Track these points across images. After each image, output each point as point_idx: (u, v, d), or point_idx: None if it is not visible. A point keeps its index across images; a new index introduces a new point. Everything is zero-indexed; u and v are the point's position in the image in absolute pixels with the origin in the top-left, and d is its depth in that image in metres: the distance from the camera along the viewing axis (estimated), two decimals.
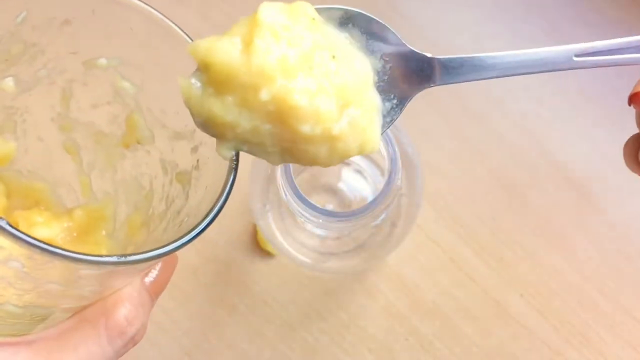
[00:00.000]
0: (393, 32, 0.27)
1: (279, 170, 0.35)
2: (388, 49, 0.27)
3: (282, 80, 0.23)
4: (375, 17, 0.27)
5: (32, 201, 0.30)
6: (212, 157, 0.26)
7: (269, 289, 0.44)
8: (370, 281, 0.45)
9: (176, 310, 0.43)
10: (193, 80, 0.24)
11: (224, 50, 0.23)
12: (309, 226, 0.40)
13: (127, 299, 0.25)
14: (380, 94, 0.27)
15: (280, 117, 0.24)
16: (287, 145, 0.25)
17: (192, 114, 0.24)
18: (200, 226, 0.23)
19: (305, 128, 0.24)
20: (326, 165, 0.25)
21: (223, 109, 0.24)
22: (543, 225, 0.47)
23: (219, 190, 0.24)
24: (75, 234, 0.29)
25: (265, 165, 0.39)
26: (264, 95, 0.23)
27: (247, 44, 0.23)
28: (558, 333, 0.45)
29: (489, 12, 0.51)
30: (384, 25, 0.27)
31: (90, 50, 0.27)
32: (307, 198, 0.34)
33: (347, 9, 0.26)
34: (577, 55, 0.28)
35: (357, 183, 0.45)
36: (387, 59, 0.27)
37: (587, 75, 0.50)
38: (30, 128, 0.29)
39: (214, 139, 0.25)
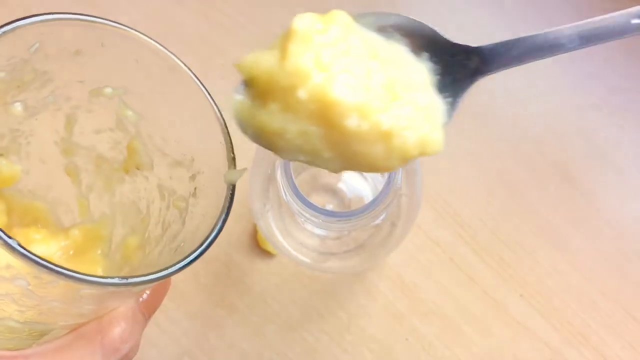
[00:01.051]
0: (432, 29, 0.26)
1: (279, 170, 0.35)
2: (432, 47, 0.26)
3: (317, 77, 0.23)
4: (412, 18, 0.26)
5: (31, 219, 0.31)
6: (209, 186, 0.27)
7: (269, 289, 0.44)
8: (370, 281, 0.45)
9: (176, 310, 0.43)
10: (240, 95, 0.25)
11: (264, 60, 0.25)
12: (309, 226, 0.40)
13: (122, 318, 0.26)
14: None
15: (322, 115, 0.24)
16: (342, 148, 0.24)
17: (244, 128, 0.25)
18: (197, 252, 0.24)
19: (351, 122, 0.23)
20: (387, 168, 0.25)
21: (269, 117, 0.24)
22: (543, 225, 0.47)
23: (215, 218, 0.25)
24: (71, 252, 0.30)
25: (265, 165, 0.39)
26: (302, 94, 0.23)
27: (283, 50, 0.24)
28: (558, 333, 0.45)
29: (488, 12, 0.51)
30: (422, 24, 0.26)
31: (97, 80, 0.28)
32: (307, 198, 0.34)
33: (381, 13, 0.26)
34: (637, 18, 0.25)
35: (357, 183, 0.45)
36: (435, 58, 0.26)
37: (588, 75, 0.51)
38: (34, 150, 0.29)
39: (213, 169, 0.26)
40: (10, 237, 0.20)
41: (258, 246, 0.45)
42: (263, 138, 0.25)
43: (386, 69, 0.24)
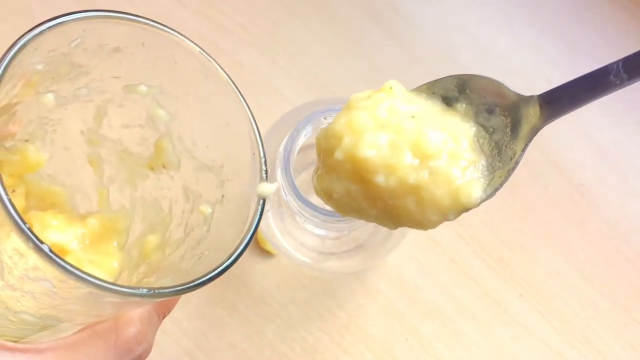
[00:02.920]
0: (503, 85, 0.27)
1: (278, 170, 0.35)
2: (503, 103, 0.27)
3: (349, 138, 0.26)
4: (484, 76, 0.27)
5: (49, 203, 0.31)
6: (237, 195, 0.27)
7: (269, 289, 0.44)
8: (370, 281, 0.45)
9: (176, 310, 0.43)
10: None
11: (321, 131, 0.28)
12: (309, 226, 0.40)
13: (137, 318, 0.26)
14: (502, 150, 0.27)
15: (357, 172, 0.26)
16: (381, 204, 0.26)
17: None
18: (225, 263, 0.24)
19: (380, 179, 0.26)
20: (429, 221, 0.27)
21: (319, 180, 0.27)
22: (543, 225, 0.47)
23: (242, 229, 0.25)
24: (87, 242, 0.30)
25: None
26: (338, 154, 0.26)
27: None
28: (558, 333, 0.45)
29: (488, 12, 0.51)
30: (493, 80, 0.27)
31: (133, 77, 0.28)
32: (307, 198, 0.34)
33: (456, 75, 0.28)
34: None
35: None
36: (505, 113, 0.27)
37: None
38: (59, 138, 0.29)
39: (243, 179, 0.27)
40: (42, 242, 0.19)
41: (258, 246, 0.45)
42: (324, 200, 0.28)
43: (422, 128, 0.26)
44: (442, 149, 0.26)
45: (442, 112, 0.28)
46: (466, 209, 0.26)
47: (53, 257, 0.20)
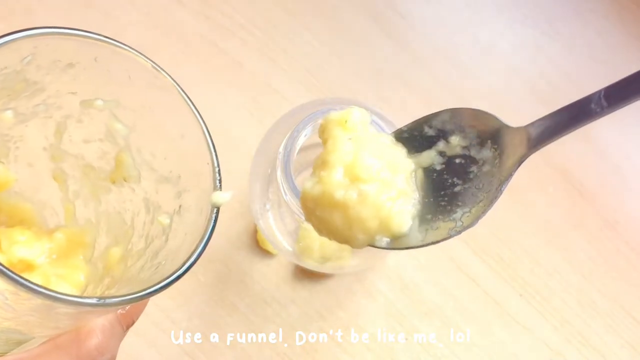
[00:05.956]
0: (495, 117, 0.28)
1: (279, 170, 0.35)
2: (493, 135, 0.28)
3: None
4: (476, 108, 0.28)
5: (18, 219, 0.31)
6: (194, 205, 0.27)
7: (269, 289, 0.44)
8: (370, 281, 0.45)
9: (176, 310, 0.43)
10: None
11: None
12: (308, 226, 0.40)
13: (99, 329, 0.26)
14: (489, 181, 0.28)
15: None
16: (308, 213, 0.29)
17: None
18: (175, 274, 0.24)
19: (307, 185, 0.28)
20: (355, 240, 0.28)
21: None
22: (543, 225, 0.47)
23: (197, 239, 0.25)
24: (54, 256, 0.30)
25: (265, 165, 0.39)
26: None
27: None
28: (558, 333, 0.45)
29: (488, 13, 0.51)
30: (485, 113, 0.28)
31: (89, 92, 0.28)
32: None
33: (453, 109, 0.28)
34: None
35: None
36: (495, 146, 0.28)
37: (586, 76, 0.50)
38: (22, 154, 0.30)
39: (199, 188, 0.27)
40: None
41: (258, 246, 0.45)
42: None
43: (358, 154, 0.28)
44: (375, 176, 0.27)
45: (389, 144, 0.29)
46: (395, 237, 0.28)
47: (2, 269, 0.19)
